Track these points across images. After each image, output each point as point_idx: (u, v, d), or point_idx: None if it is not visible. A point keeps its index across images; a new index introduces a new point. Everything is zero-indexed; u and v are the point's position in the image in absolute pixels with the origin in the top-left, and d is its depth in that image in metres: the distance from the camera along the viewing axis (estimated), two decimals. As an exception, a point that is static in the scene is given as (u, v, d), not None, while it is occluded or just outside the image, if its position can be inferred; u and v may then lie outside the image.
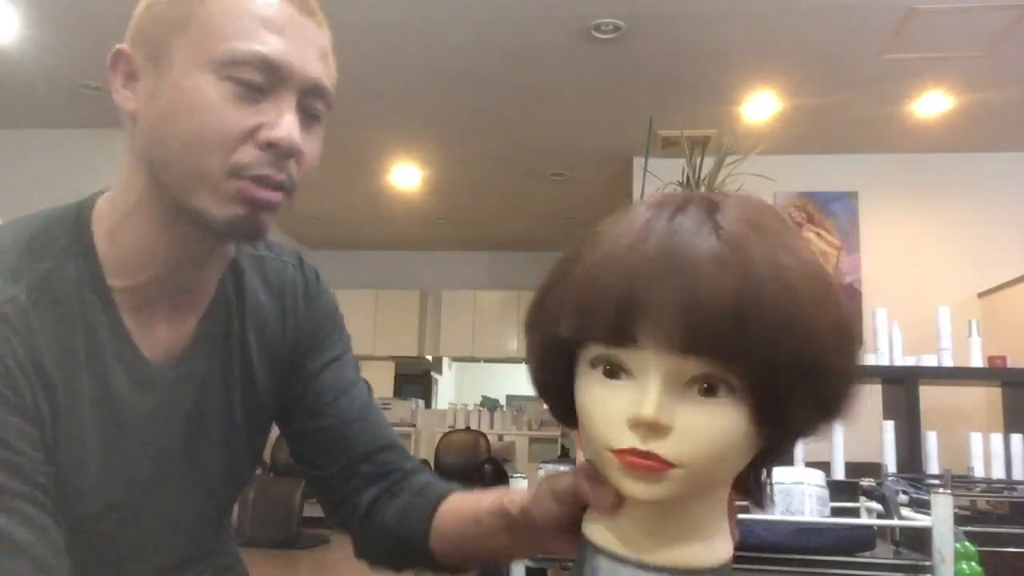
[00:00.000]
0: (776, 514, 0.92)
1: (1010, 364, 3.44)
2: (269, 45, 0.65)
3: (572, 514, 0.60)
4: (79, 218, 0.72)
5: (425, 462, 7.33)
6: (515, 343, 7.96)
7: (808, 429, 0.53)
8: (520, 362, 8.19)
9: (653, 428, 0.48)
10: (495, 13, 3.52)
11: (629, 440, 0.49)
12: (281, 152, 0.66)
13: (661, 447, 0.48)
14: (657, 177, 1.94)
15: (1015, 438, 3.00)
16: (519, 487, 0.91)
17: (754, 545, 0.84)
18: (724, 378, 0.48)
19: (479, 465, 6.74)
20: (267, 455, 6.83)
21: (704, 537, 0.53)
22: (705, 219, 0.48)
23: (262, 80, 0.66)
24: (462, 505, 0.77)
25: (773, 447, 0.53)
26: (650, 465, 0.49)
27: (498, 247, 8.11)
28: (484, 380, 8.80)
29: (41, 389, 0.66)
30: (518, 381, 8.80)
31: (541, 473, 1.14)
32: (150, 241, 0.71)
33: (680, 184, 2.14)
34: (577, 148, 5.20)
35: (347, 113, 4.61)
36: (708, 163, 2.97)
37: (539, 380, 0.58)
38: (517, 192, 6.19)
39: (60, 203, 0.74)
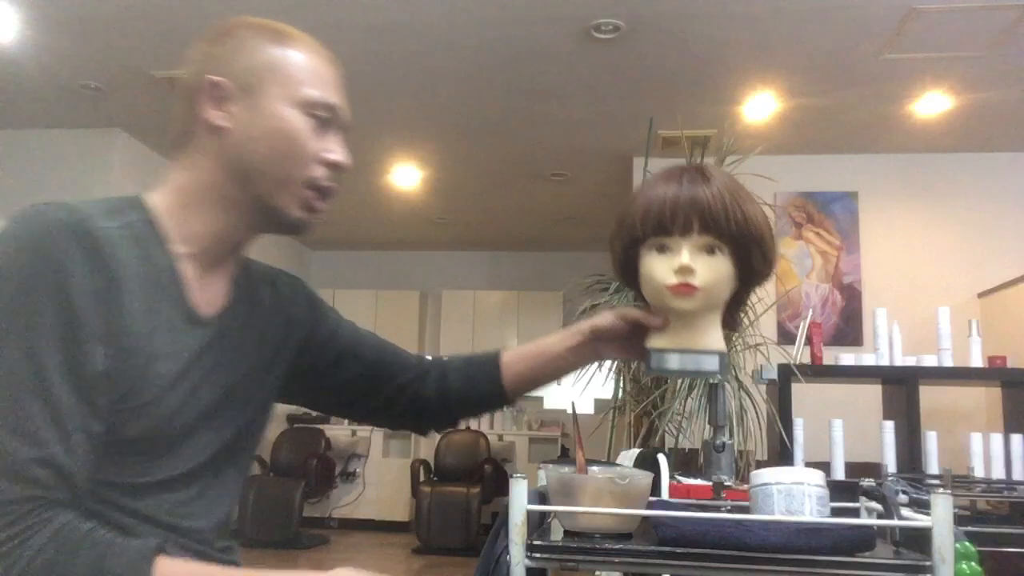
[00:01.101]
0: (776, 514, 0.92)
1: (1010, 364, 3.43)
2: (333, 95, 0.94)
3: (629, 331, 1.08)
4: (135, 201, 0.90)
5: (425, 463, 7.33)
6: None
7: (757, 279, 1.02)
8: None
9: (687, 270, 0.97)
10: (495, 13, 3.52)
11: (675, 279, 0.97)
12: (340, 170, 0.94)
13: (691, 279, 0.97)
14: (657, 177, 1.93)
15: (1015, 438, 3.00)
16: (519, 487, 0.91)
17: (754, 545, 0.84)
18: (717, 246, 0.98)
19: (479, 465, 6.74)
20: (267, 455, 6.85)
21: (712, 336, 1.02)
22: (699, 173, 1.00)
23: (328, 117, 0.93)
24: (520, 351, 1.15)
25: (740, 292, 1.03)
26: (687, 288, 0.97)
27: (498, 247, 8.11)
28: (484, 380, 8.81)
29: (116, 306, 0.80)
30: (518, 381, 8.78)
31: (541, 473, 1.14)
32: (212, 221, 0.91)
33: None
34: (577, 148, 5.20)
35: (347, 113, 4.61)
36: (708, 163, 2.97)
37: (617, 269, 1.07)
38: (517, 192, 6.19)
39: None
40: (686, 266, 0.96)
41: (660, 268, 0.99)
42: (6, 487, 0.71)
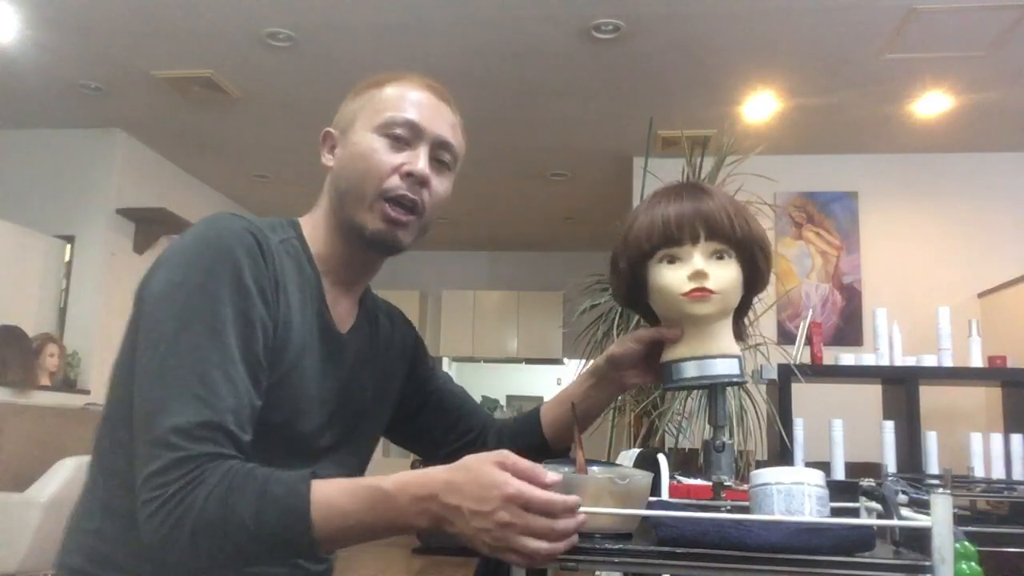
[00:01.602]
0: (776, 514, 0.92)
1: (1010, 364, 3.43)
2: (411, 113, 1.03)
3: (645, 353, 1.10)
4: (291, 222, 1.05)
5: (425, 463, 7.38)
6: (515, 343, 7.95)
7: (760, 284, 1.05)
8: (519, 362, 8.20)
9: (702, 275, 0.99)
10: (495, 13, 3.53)
11: (690, 285, 0.99)
12: (415, 179, 1.02)
13: (706, 283, 0.99)
14: (657, 177, 1.94)
15: (1015, 438, 3.00)
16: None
17: (754, 545, 0.84)
18: (727, 251, 1.01)
19: (479, 465, 6.73)
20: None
21: (727, 341, 1.04)
22: (697, 188, 1.03)
23: (407, 135, 1.02)
24: (553, 399, 1.22)
25: (745, 298, 1.06)
26: (703, 293, 0.99)
27: (498, 247, 8.11)
28: (484, 380, 8.81)
29: (279, 304, 0.94)
30: (518, 381, 8.81)
31: (541, 473, 1.14)
32: (333, 245, 1.05)
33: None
34: (577, 148, 5.20)
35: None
36: (708, 163, 2.97)
37: (622, 290, 1.07)
38: (517, 192, 6.18)
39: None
40: (700, 271, 0.99)
41: (673, 277, 1.01)
42: (186, 444, 0.82)
